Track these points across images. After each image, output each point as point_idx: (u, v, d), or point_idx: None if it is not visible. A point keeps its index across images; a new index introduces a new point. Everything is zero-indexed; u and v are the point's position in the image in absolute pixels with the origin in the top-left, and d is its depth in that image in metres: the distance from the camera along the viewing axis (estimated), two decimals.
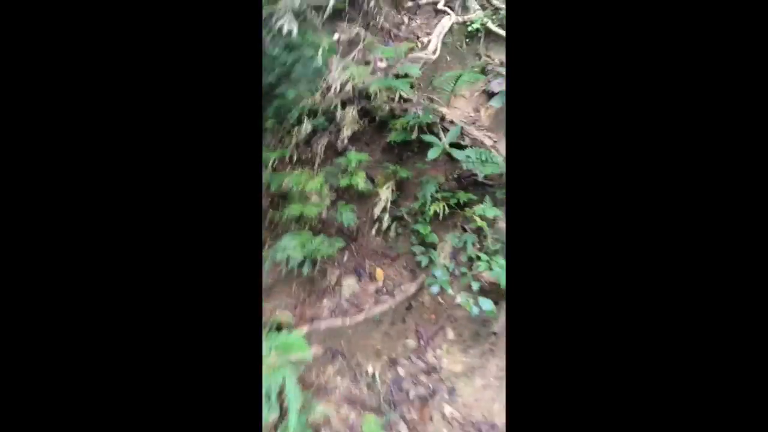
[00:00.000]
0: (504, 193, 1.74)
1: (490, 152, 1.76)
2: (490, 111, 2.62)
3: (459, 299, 1.45)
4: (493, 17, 2.81)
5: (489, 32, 2.74)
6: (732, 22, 0.54)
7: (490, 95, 2.65)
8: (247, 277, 0.60)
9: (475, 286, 1.46)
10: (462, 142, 1.91)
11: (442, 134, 1.90)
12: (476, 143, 1.97)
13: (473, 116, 2.67)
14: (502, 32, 2.69)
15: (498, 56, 2.77)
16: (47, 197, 0.55)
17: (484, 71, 2.71)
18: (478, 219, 1.60)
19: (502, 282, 1.40)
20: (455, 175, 1.83)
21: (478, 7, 2.84)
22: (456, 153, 1.64)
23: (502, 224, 1.65)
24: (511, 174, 0.63)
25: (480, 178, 1.65)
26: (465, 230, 1.70)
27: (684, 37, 0.56)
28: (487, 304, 1.38)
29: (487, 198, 1.68)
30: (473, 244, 1.64)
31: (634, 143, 0.57)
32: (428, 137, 1.69)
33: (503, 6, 2.90)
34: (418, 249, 1.70)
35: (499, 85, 2.59)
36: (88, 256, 0.56)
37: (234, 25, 0.62)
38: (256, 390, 0.61)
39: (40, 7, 0.56)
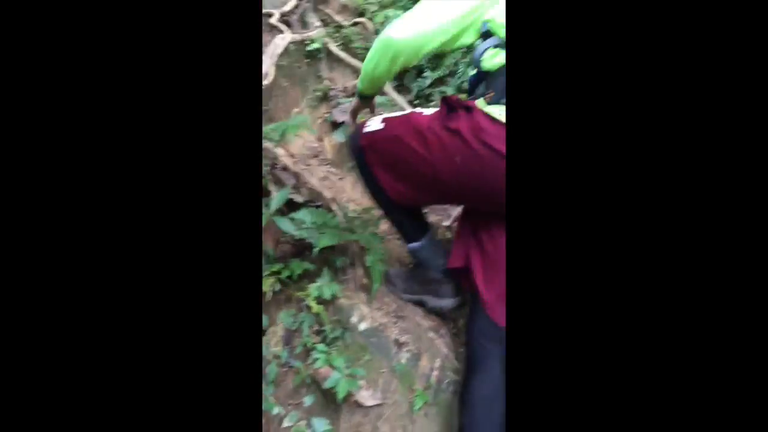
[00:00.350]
0: (344, 261, 1.51)
1: (328, 214, 1.51)
2: (334, 141, 2.38)
3: (287, 422, 1.17)
4: (336, 36, 2.57)
5: (331, 53, 2.49)
6: (732, 22, 0.54)
7: (334, 125, 2.42)
8: (246, 276, 0.61)
9: (309, 400, 1.21)
10: (296, 198, 1.62)
11: (272, 188, 1.59)
12: (314, 195, 1.71)
13: (316, 147, 2.41)
14: (345, 55, 2.47)
15: (342, 80, 2.55)
16: (43, 191, 0.55)
17: (326, 96, 2.47)
18: (313, 304, 1.34)
19: (341, 391, 1.17)
20: (288, 239, 1.54)
21: (318, 23, 2.58)
22: (283, 224, 1.35)
23: (343, 301, 1.42)
24: (511, 175, 0.62)
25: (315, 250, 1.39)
26: (301, 308, 1.43)
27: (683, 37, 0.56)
28: (320, 425, 1.14)
29: (326, 271, 1.43)
30: (310, 327, 1.38)
31: (638, 149, 0.56)
32: None
33: (346, 23, 2.68)
34: None
35: (342, 113, 2.37)
36: (78, 251, 0.56)
37: (234, 24, 0.62)
38: (256, 389, 0.64)
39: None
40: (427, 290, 1.43)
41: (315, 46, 2.44)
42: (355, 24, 2.67)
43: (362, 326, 1.35)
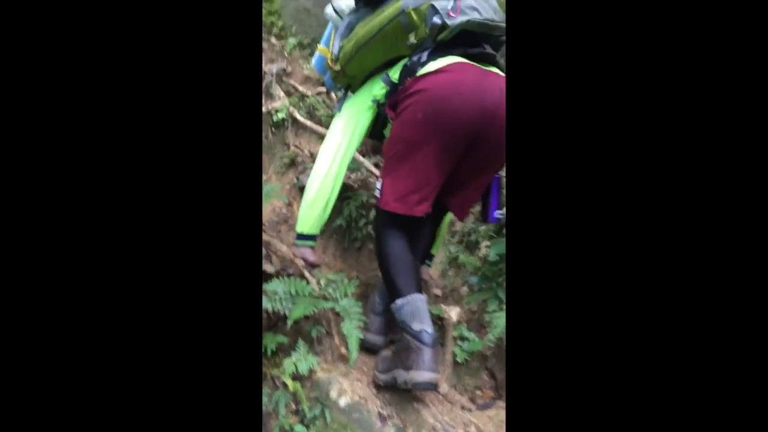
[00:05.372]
0: (319, 330, 1.45)
1: (301, 282, 1.46)
2: None
3: None
4: (300, 104, 2.64)
5: (296, 121, 2.55)
6: (732, 23, 0.55)
7: (301, 189, 2.42)
8: (246, 277, 0.64)
9: None
10: (267, 268, 1.58)
11: None
12: (285, 263, 1.67)
13: (285, 213, 2.39)
14: (310, 123, 2.53)
15: (308, 146, 2.59)
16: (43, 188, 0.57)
17: (293, 162, 2.49)
18: (289, 381, 1.26)
19: None
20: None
21: (282, 94, 2.65)
22: None
23: (321, 375, 1.34)
24: (511, 174, 0.64)
25: (289, 322, 1.33)
26: (277, 386, 1.34)
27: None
28: None
29: (301, 342, 1.36)
30: (287, 407, 1.29)
31: (640, 152, 0.57)
32: None
33: (310, 93, 2.77)
34: None
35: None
36: (76, 250, 0.58)
37: (234, 23, 0.64)
38: (256, 389, 0.64)
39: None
40: (400, 361, 1.24)
41: (280, 116, 2.50)
42: (319, 93, 2.76)
43: (342, 401, 1.27)
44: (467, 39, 1.25)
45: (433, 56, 1.25)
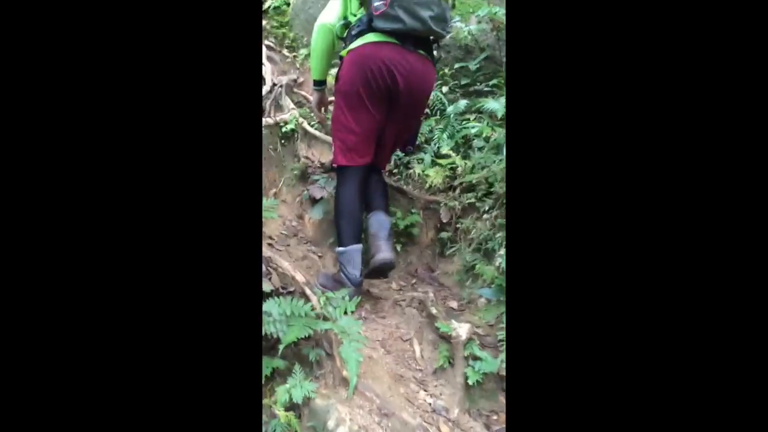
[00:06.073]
0: (317, 353, 1.36)
1: (299, 302, 1.38)
2: (313, 219, 2.30)
3: None
4: (311, 115, 2.58)
5: (307, 132, 2.49)
6: (732, 23, 0.54)
7: (313, 201, 2.36)
8: (246, 280, 0.64)
9: None
10: (264, 286, 1.50)
11: None
12: (285, 281, 1.59)
13: (295, 226, 2.32)
14: (320, 133, 2.46)
15: (319, 156, 2.52)
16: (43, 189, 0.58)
17: (304, 174, 2.43)
18: (281, 411, 1.17)
19: None
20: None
21: (293, 105, 2.60)
22: None
23: (319, 402, 1.24)
24: (511, 176, 0.65)
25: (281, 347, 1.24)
26: (274, 415, 1.25)
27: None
28: None
29: (297, 367, 1.28)
30: None
31: (639, 152, 0.58)
32: None
33: None
34: None
35: (320, 190, 2.31)
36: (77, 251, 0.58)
37: (234, 24, 0.65)
38: (256, 388, 0.64)
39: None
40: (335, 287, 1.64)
41: (290, 127, 2.44)
42: (331, 102, 2.70)
43: (341, 431, 1.17)
44: (395, 32, 1.58)
45: (364, 33, 1.61)
